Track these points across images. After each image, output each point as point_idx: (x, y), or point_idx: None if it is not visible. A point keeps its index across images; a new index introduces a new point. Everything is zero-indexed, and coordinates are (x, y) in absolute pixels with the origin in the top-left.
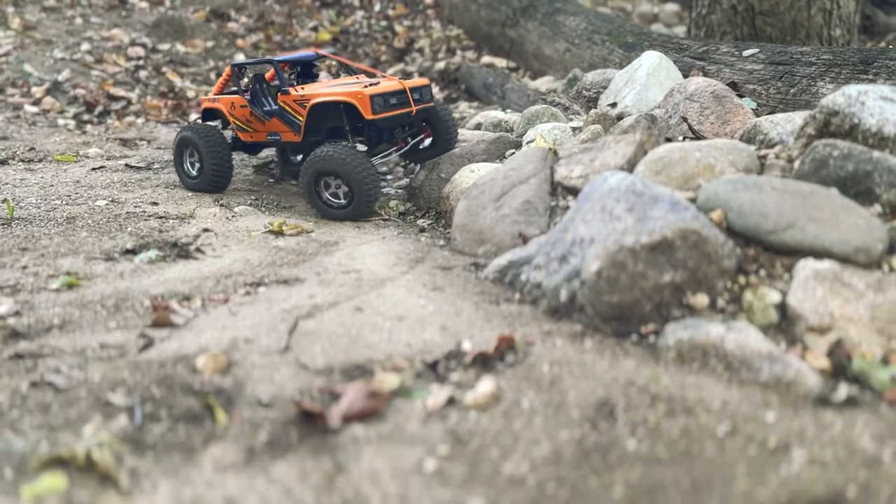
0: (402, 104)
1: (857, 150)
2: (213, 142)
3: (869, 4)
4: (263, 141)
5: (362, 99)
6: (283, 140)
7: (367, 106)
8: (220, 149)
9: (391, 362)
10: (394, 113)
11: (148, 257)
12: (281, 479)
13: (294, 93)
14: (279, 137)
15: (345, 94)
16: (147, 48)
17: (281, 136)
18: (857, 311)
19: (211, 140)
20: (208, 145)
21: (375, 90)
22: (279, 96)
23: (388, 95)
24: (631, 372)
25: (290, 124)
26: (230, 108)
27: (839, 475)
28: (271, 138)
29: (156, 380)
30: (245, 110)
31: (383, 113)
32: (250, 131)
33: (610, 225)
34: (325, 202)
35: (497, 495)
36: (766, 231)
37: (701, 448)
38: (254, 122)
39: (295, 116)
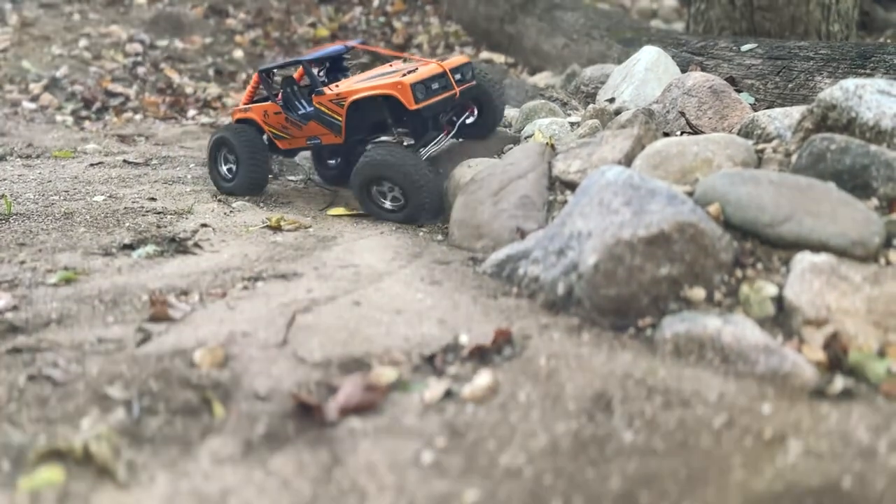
0: (444, 88)
1: (855, 144)
2: (250, 143)
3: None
4: (304, 146)
5: (403, 89)
6: (325, 143)
7: (409, 96)
8: (258, 150)
9: (389, 356)
10: (437, 99)
11: (146, 252)
12: (278, 471)
13: (329, 92)
14: (319, 141)
15: (383, 87)
16: (145, 44)
17: (321, 140)
18: (854, 305)
19: (248, 141)
20: (245, 146)
21: (415, 77)
22: (313, 97)
23: (429, 81)
24: (628, 365)
25: (330, 126)
26: (264, 117)
27: (834, 466)
28: (311, 143)
29: (153, 374)
30: (280, 117)
31: (427, 100)
32: (288, 138)
33: (607, 218)
34: (380, 206)
35: (494, 487)
36: (763, 224)
37: (697, 439)
38: (290, 129)
39: (333, 117)
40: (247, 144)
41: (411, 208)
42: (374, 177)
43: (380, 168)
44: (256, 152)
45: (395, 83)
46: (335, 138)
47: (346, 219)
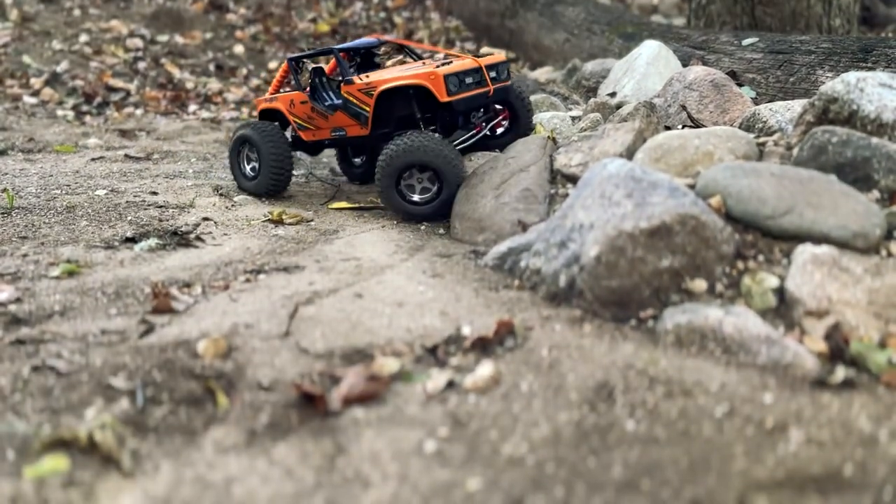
0: (478, 83)
1: (856, 137)
2: (274, 140)
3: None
4: (327, 138)
5: (436, 80)
6: (350, 135)
7: (442, 87)
8: (282, 148)
9: (391, 347)
10: (470, 94)
11: (148, 245)
12: (282, 460)
13: (358, 81)
14: (345, 133)
15: (415, 77)
16: (146, 39)
17: (347, 132)
18: (855, 296)
19: (272, 138)
20: (269, 144)
21: (449, 69)
22: (342, 87)
23: (464, 74)
24: (630, 356)
25: (356, 116)
26: (289, 107)
27: (836, 454)
28: (336, 134)
29: (157, 364)
30: (306, 107)
31: (459, 94)
32: (312, 129)
33: (609, 210)
34: (409, 201)
35: (496, 475)
36: (764, 216)
37: (699, 428)
38: (316, 119)
39: (361, 107)
40: (270, 143)
41: (444, 199)
42: (408, 163)
43: (416, 153)
44: (280, 151)
45: (427, 73)
46: (361, 130)
47: (348, 212)
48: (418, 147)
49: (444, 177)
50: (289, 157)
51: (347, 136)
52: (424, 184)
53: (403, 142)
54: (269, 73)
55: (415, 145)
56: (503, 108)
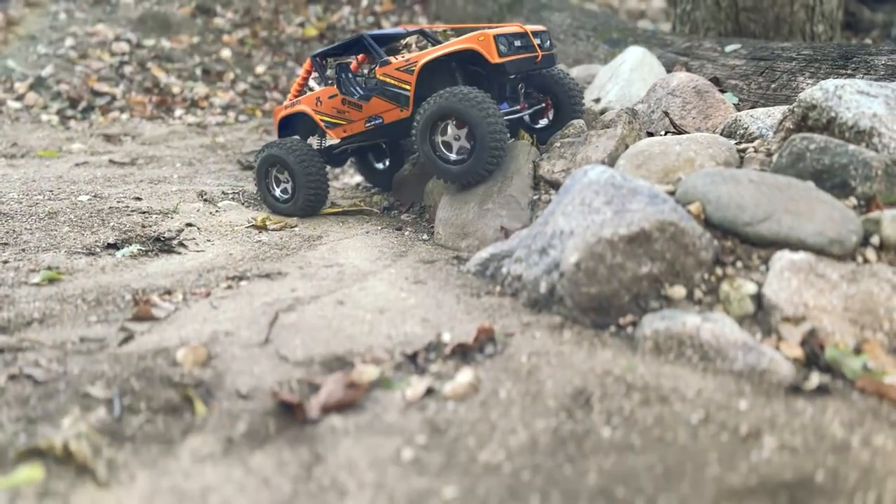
0: (526, 48)
1: (834, 144)
2: (306, 158)
3: (854, 1)
4: (361, 131)
5: (486, 41)
6: (388, 121)
7: (493, 48)
8: (316, 166)
9: (371, 354)
10: (520, 56)
11: (130, 252)
12: (258, 469)
13: (395, 60)
14: (381, 120)
15: (463, 41)
16: (132, 44)
17: (384, 118)
18: (831, 302)
19: (304, 156)
20: (301, 162)
21: (498, 30)
22: (378, 69)
23: (512, 37)
24: (608, 362)
25: (395, 98)
26: (315, 106)
27: (808, 461)
28: (372, 124)
29: (135, 372)
30: (335, 101)
31: (510, 56)
32: (344, 123)
33: (589, 217)
34: (443, 158)
35: (473, 483)
36: (743, 223)
37: (674, 435)
38: (348, 112)
39: (400, 87)
40: (304, 162)
41: (477, 156)
42: (444, 114)
43: (455, 106)
44: (315, 170)
45: (475, 36)
46: (401, 112)
47: (332, 218)
48: (459, 99)
49: (478, 132)
50: (324, 174)
51: (385, 124)
52: (462, 141)
53: (445, 94)
54: (256, 77)
55: (454, 97)
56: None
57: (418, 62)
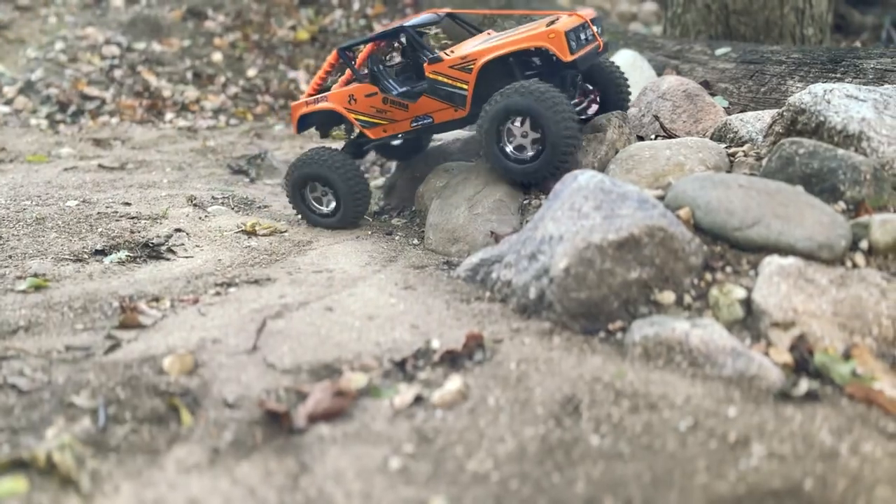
0: (589, 39)
1: (822, 148)
2: (346, 169)
3: (844, 4)
4: (405, 131)
5: (557, 38)
6: (439, 121)
7: (564, 45)
8: (357, 176)
9: (359, 361)
10: (587, 50)
11: (118, 258)
12: (244, 479)
13: (448, 57)
14: (431, 120)
15: (531, 38)
16: (122, 47)
17: (434, 118)
18: (820, 307)
19: (343, 167)
20: (343, 174)
21: (566, 26)
22: (427, 66)
23: (579, 30)
24: (597, 369)
25: (450, 98)
26: (348, 103)
27: (797, 468)
28: (419, 124)
29: (121, 381)
30: (374, 100)
31: (580, 51)
32: (384, 123)
33: (578, 223)
34: (509, 157)
35: (460, 492)
36: (732, 228)
37: (663, 443)
38: (391, 111)
39: (456, 86)
40: (343, 172)
41: (546, 159)
42: (515, 112)
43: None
44: (354, 177)
45: (545, 33)
46: (455, 112)
47: None
48: (531, 93)
49: (550, 133)
50: (365, 181)
51: (435, 124)
52: (529, 141)
53: (515, 87)
54: (248, 80)
55: (527, 91)
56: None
57: (478, 61)
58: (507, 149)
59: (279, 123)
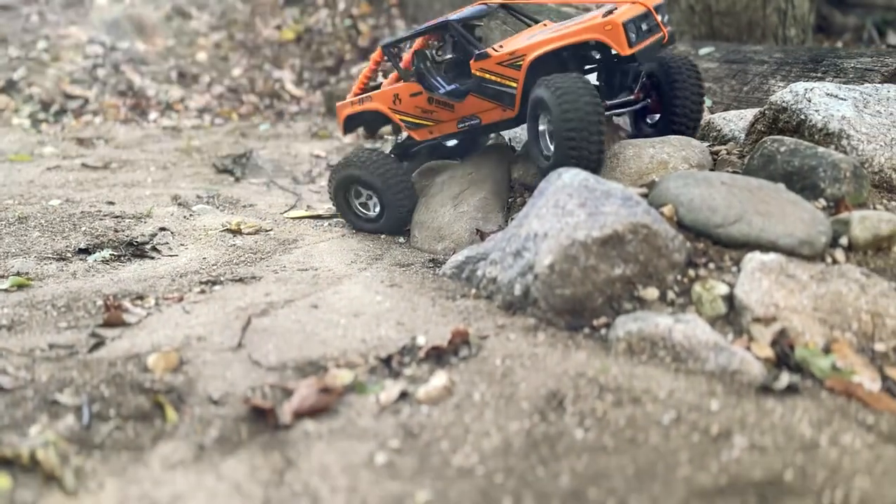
0: (652, 30)
1: (803, 146)
2: (390, 172)
3: (827, 5)
4: (452, 133)
5: (614, 30)
6: (486, 122)
7: (622, 37)
8: (402, 178)
9: (345, 358)
10: (649, 42)
11: (102, 257)
12: (230, 475)
13: (496, 53)
14: (478, 121)
15: (586, 31)
16: (106, 46)
17: (482, 119)
18: (801, 302)
19: (387, 170)
20: (385, 178)
21: (624, 15)
22: (473, 63)
23: (639, 20)
24: (581, 364)
25: (498, 97)
26: (393, 104)
27: (777, 460)
28: (466, 125)
29: (105, 379)
30: (419, 99)
31: (640, 43)
32: (431, 124)
33: (562, 220)
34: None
35: (445, 487)
36: (714, 225)
37: (646, 436)
38: (437, 112)
39: (504, 84)
40: (386, 175)
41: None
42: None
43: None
44: (399, 181)
45: (600, 24)
46: (504, 112)
47: (308, 222)
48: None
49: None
50: (410, 183)
51: (483, 125)
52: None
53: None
54: (233, 80)
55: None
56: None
57: (527, 56)
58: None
59: (264, 123)
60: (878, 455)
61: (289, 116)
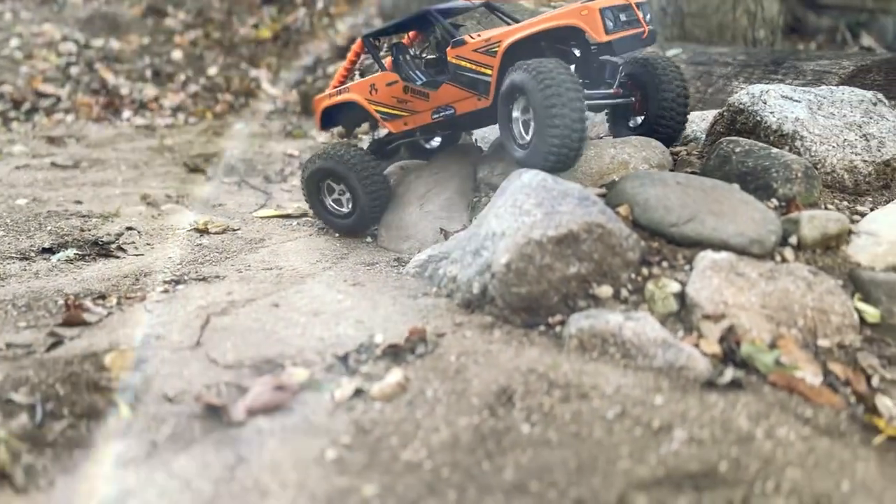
0: (632, 23)
1: (758, 147)
2: (367, 169)
3: (801, 7)
4: (426, 124)
5: (589, 16)
6: (461, 112)
7: (598, 23)
8: (376, 176)
9: (302, 356)
10: (627, 33)
11: (66, 256)
12: (181, 471)
13: (472, 40)
14: (453, 112)
15: (561, 17)
16: (79, 44)
17: (456, 109)
18: (750, 300)
19: (362, 165)
20: (360, 171)
21: (602, 2)
22: (449, 51)
23: (618, 10)
24: (533, 360)
25: (473, 85)
26: (370, 94)
27: (713, 452)
28: (440, 116)
29: (61, 378)
30: (394, 89)
31: (617, 32)
32: (406, 115)
33: (520, 219)
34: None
35: (393, 481)
36: (669, 224)
37: (590, 430)
38: (412, 101)
39: (479, 72)
40: (360, 169)
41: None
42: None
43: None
44: (372, 177)
45: (576, 10)
46: (479, 102)
47: (277, 221)
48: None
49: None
50: (385, 183)
51: (457, 115)
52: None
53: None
54: (209, 79)
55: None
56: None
57: (503, 42)
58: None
59: (239, 122)
60: (812, 447)
61: (264, 115)
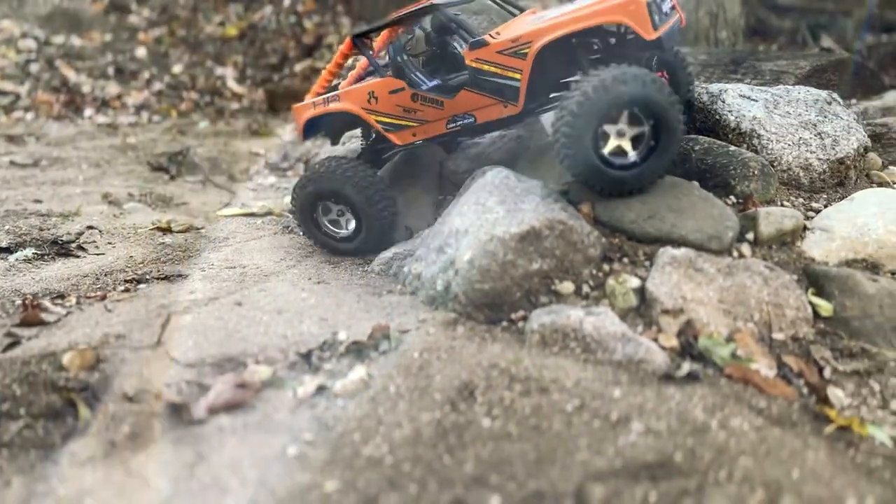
0: (670, 12)
1: (716, 146)
2: (366, 182)
3: (763, 9)
4: (440, 134)
5: (637, 10)
6: (482, 121)
7: (647, 19)
8: (377, 187)
9: (265, 354)
10: (670, 23)
11: (24, 256)
12: (139, 470)
13: (494, 40)
14: (473, 120)
15: (603, 12)
16: (39, 41)
17: (476, 117)
18: (708, 294)
19: (362, 180)
20: (363, 189)
21: None
22: (468, 54)
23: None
24: (495, 356)
25: (498, 91)
26: (368, 104)
27: (669, 443)
28: (457, 125)
29: (17, 378)
30: (400, 97)
31: (663, 26)
32: (414, 126)
33: (483, 217)
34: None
35: (354, 476)
36: (629, 221)
37: (549, 423)
38: (422, 111)
39: (506, 76)
40: (362, 187)
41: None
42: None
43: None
44: (378, 191)
45: (621, 4)
46: (505, 109)
47: (241, 219)
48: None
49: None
50: (390, 195)
51: (477, 124)
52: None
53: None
54: (173, 77)
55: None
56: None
57: (534, 43)
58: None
59: (204, 120)
60: (764, 437)
61: (229, 114)
